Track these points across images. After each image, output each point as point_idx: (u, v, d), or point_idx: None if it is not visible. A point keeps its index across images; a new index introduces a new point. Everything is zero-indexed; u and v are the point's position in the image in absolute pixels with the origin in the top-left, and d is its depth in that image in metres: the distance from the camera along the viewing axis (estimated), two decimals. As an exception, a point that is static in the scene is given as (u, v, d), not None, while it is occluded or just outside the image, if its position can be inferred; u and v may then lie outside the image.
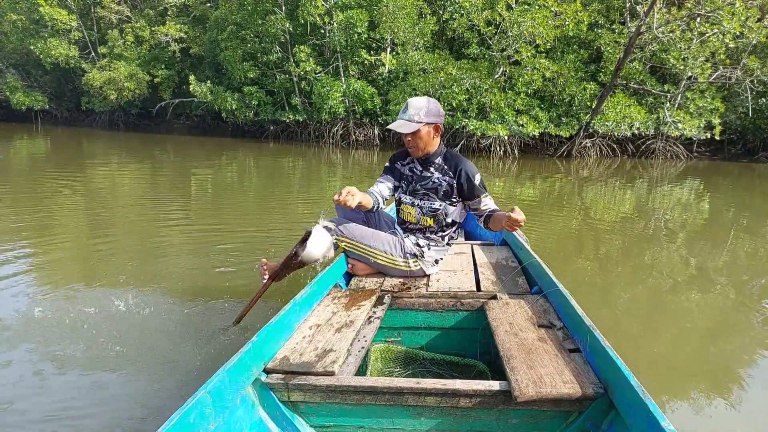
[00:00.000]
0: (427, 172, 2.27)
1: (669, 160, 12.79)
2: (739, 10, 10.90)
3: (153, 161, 10.35)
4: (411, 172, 2.33)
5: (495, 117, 12.26)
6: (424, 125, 2.13)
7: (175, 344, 2.30)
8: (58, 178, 7.39)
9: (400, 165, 2.38)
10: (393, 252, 2.25)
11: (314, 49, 14.40)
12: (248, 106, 15.14)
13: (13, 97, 19.18)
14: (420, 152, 2.22)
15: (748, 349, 2.48)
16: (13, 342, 2.30)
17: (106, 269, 3.35)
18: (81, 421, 1.75)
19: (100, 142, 14.37)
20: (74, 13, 18.49)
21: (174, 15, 17.89)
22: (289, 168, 9.71)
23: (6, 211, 5.00)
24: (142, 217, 5.05)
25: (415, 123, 2.11)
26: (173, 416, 1.06)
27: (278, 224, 4.88)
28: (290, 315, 1.67)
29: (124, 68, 17.14)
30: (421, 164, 2.29)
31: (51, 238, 4.07)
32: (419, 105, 2.13)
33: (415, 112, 2.11)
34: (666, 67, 12.42)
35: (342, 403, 1.40)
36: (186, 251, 3.84)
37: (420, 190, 2.28)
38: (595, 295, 3.16)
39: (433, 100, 2.16)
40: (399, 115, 2.16)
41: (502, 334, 1.63)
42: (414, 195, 2.30)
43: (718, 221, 5.77)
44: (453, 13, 12.83)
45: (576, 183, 8.69)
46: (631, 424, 1.17)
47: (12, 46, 19.49)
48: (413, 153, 2.24)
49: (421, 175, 2.28)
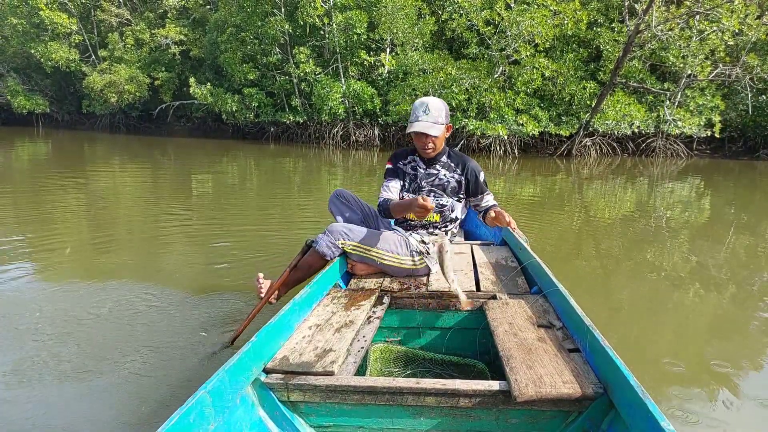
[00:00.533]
0: (433, 169, 2.28)
1: (669, 158, 12.78)
2: (738, 7, 10.89)
3: (154, 164, 10.37)
4: (413, 170, 2.33)
5: (495, 117, 12.27)
6: (444, 126, 2.17)
7: (176, 342, 2.31)
8: (60, 180, 7.41)
9: (402, 164, 2.38)
10: (399, 251, 2.24)
11: (314, 50, 14.42)
12: (248, 108, 15.17)
13: (14, 100, 19.24)
14: (434, 152, 2.24)
15: (749, 348, 2.48)
16: (9, 339, 2.31)
17: (107, 269, 3.36)
18: (82, 420, 1.76)
19: (102, 145, 14.41)
20: (74, 16, 18.55)
21: (174, 17, 17.93)
22: (290, 169, 9.73)
23: (8, 213, 5.02)
24: (144, 219, 5.06)
25: (440, 124, 2.14)
26: (173, 416, 1.06)
27: (278, 225, 4.89)
28: (290, 315, 1.67)
29: (124, 71, 17.19)
30: (425, 162, 2.30)
31: (51, 239, 4.08)
32: (440, 106, 2.14)
33: (438, 113, 2.13)
34: (666, 65, 12.42)
35: (342, 403, 1.40)
36: (187, 251, 3.85)
37: (426, 187, 2.29)
38: (595, 295, 3.16)
39: (442, 101, 2.21)
40: (419, 116, 2.14)
41: (501, 334, 1.63)
42: (418, 192, 2.30)
43: (719, 219, 5.76)
44: (452, 13, 12.83)
45: (576, 182, 8.69)
46: (631, 424, 1.17)
47: (13, 50, 19.57)
48: (428, 153, 2.24)
49: (426, 172, 2.29)
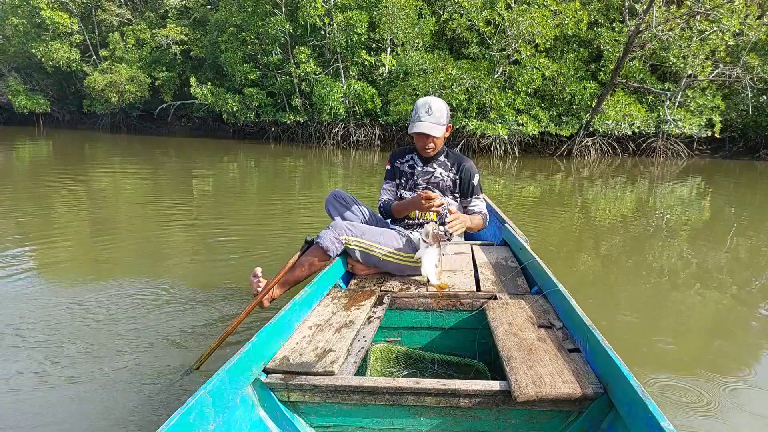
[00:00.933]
0: (429, 167, 2.30)
1: (670, 158, 12.79)
2: (738, 7, 10.89)
3: (155, 163, 10.39)
4: (411, 169, 2.35)
5: (495, 117, 12.28)
6: (445, 126, 2.19)
7: (177, 341, 2.32)
8: (61, 180, 7.43)
9: (399, 163, 2.40)
10: (402, 248, 2.24)
11: (314, 50, 14.44)
12: (249, 108, 15.19)
13: (16, 100, 19.29)
14: (434, 152, 2.25)
15: (749, 348, 2.48)
16: (12, 340, 2.32)
17: (107, 267, 3.38)
18: (80, 420, 1.77)
19: (102, 144, 14.43)
20: (75, 16, 18.58)
21: (175, 17, 17.96)
22: (290, 169, 9.75)
23: (9, 212, 5.04)
24: (144, 218, 5.08)
25: (442, 125, 2.16)
26: (173, 416, 1.06)
27: (278, 224, 4.91)
28: (290, 315, 1.67)
29: (125, 71, 17.22)
30: (423, 161, 2.32)
31: (53, 239, 4.10)
32: (442, 107, 2.16)
33: (440, 114, 2.15)
34: (666, 66, 12.43)
35: (342, 403, 1.40)
36: (187, 250, 3.87)
37: (422, 184, 2.30)
38: (596, 294, 3.17)
39: (443, 101, 2.22)
40: (422, 117, 2.16)
41: (501, 334, 1.64)
42: (414, 190, 2.32)
43: (720, 219, 5.77)
44: (452, 13, 12.86)
45: (576, 182, 8.70)
46: (631, 424, 1.17)
47: (14, 49, 19.61)
48: (428, 153, 2.26)
49: (423, 170, 2.31)
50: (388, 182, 2.39)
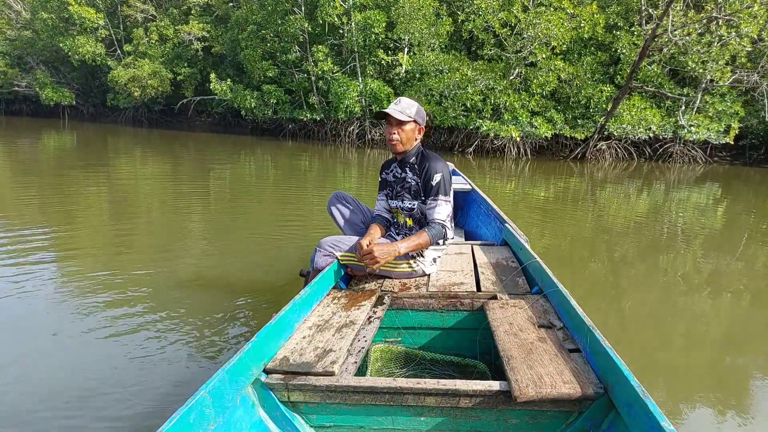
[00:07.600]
0: (404, 173, 2.36)
1: (687, 164, 12.62)
2: (759, 12, 10.71)
3: (175, 157, 10.66)
4: (394, 177, 2.42)
5: (509, 118, 12.29)
6: (412, 121, 2.25)
7: (183, 340, 2.46)
8: (85, 171, 7.71)
9: (385, 173, 2.48)
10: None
11: (332, 48, 14.60)
12: (267, 105, 15.42)
13: (42, 92, 19.90)
14: (401, 147, 2.29)
15: (752, 354, 2.51)
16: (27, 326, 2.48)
17: (123, 262, 3.56)
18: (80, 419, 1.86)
19: (124, 138, 14.80)
20: (102, 11, 19.05)
21: (197, 14, 18.28)
22: (306, 167, 9.91)
23: (34, 201, 5.28)
24: (163, 210, 5.28)
25: (406, 116, 2.23)
26: (173, 416, 1.07)
27: (293, 221, 5.06)
28: (290, 315, 1.66)
29: (148, 66, 17.60)
30: (400, 166, 2.38)
31: (74, 228, 4.31)
32: (411, 103, 2.26)
33: (407, 106, 2.24)
34: (685, 70, 12.28)
35: (342, 403, 1.40)
36: (205, 245, 4.04)
37: (401, 192, 2.36)
38: (604, 296, 3.17)
39: (420, 106, 2.31)
40: (390, 106, 2.26)
41: (502, 334, 1.63)
42: (396, 198, 2.39)
43: (736, 227, 5.70)
44: (469, 14, 12.88)
45: (590, 185, 8.69)
46: (631, 424, 1.16)
47: (42, 43, 20.22)
48: (395, 147, 2.30)
49: (400, 177, 2.37)
50: (379, 193, 2.47)
